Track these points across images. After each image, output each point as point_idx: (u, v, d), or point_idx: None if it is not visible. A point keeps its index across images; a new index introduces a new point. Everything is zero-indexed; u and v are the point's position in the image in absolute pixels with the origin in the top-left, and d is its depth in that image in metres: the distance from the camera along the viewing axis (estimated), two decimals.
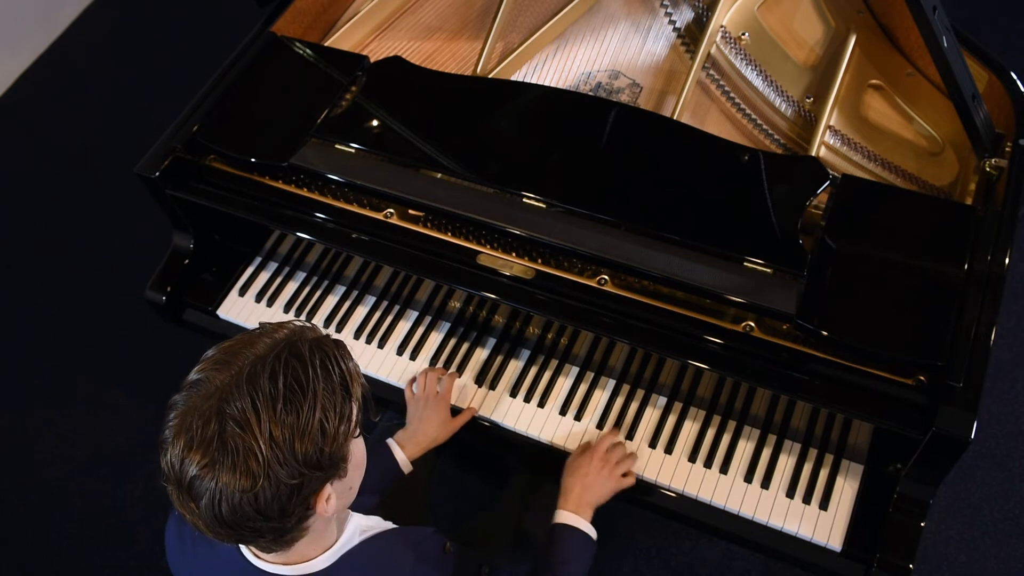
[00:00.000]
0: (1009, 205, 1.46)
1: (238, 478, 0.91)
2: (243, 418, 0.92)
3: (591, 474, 1.43)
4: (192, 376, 0.97)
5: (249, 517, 0.94)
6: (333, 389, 0.96)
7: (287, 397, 0.93)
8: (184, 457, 0.92)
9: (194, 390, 0.95)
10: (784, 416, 1.51)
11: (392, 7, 1.96)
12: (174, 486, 0.95)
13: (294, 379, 0.94)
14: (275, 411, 0.92)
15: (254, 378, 0.93)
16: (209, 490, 0.92)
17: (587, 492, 1.42)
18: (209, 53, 2.65)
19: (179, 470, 0.93)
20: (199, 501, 0.93)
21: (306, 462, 0.94)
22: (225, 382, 0.94)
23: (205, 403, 0.93)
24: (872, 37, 1.73)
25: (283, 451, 0.92)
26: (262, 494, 0.92)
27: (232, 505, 0.92)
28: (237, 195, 1.65)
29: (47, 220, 2.90)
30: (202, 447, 0.91)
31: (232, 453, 0.91)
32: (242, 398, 0.92)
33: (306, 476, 0.95)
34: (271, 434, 0.92)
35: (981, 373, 1.29)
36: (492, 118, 1.62)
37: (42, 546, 2.26)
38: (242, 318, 1.77)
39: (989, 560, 2.07)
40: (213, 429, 0.92)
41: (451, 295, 1.66)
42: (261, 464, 0.91)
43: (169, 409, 0.96)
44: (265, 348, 0.96)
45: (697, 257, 1.43)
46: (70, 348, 2.60)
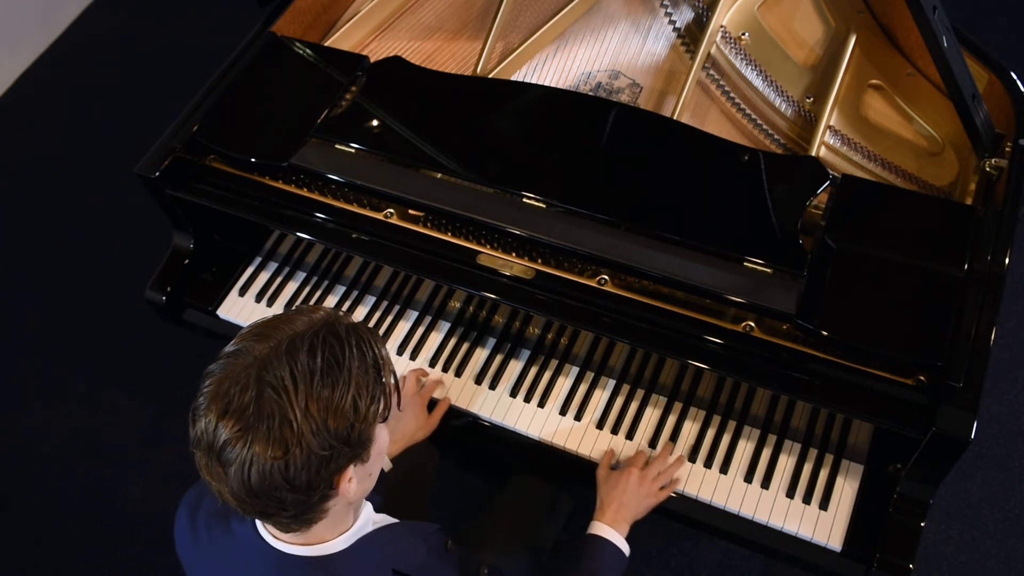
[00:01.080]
0: (1009, 205, 1.46)
1: (271, 445, 0.93)
2: (281, 386, 0.94)
3: (629, 490, 1.42)
4: (229, 347, 0.99)
5: (277, 486, 0.95)
6: (367, 370, 0.99)
7: (324, 371, 0.95)
8: (218, 422, 0.94)
9: (232, 359, 0.97)
10: (784, 416, 1.51)
11: (392, 7, 1.96)
12: (204, 452, 0.96)
13: (331, 355, 0.96)
14: (312, 383, 0.95)
15: (293, 351, 0.96)
16: (240, 456, 0.93)
17: (624, 508, 1.41)
18: (209, 53, 2.65)
19: (212, 435, 0.95)
20: (228, 467, 0.95)
21: (337, 436, 0.96)
22: (264, 352, 0.96)
23: (243, 371, 0.95)
24: (872, 37, 1.73)
25: (316, 422, 0.94)
26: (292, 463, 0.94)
27: (262, 472, 0.94)
28: (237, 195, 1.65)
29: (47, 220, 2.90)
30: (237, 412, 0.93)
31: (267, 419, 0.93)
32: (281, 367, 0.94)
33: (335, 450, 0.97)
34: (306, 405, 0.94)
35: (981, 373, 1.29)
36: (492, 118, 1.62)
37: (42, 546, 2.26)
38: (242, 318, 1.77)
39: (989, 560, 2.07)
40: (250, 395, 0.94)
41: (451, 295, 1.66)
42: (294, 432, 0.93)
43: (204, 377, 0.98)
44: (304, 325, 0.99)
45: (697, 257, 1.43)
46: (70, 348, 2.60)
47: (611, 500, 1.42)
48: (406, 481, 1.65)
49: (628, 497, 1.42)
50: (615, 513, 1.41)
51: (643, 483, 1.44)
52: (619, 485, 1.43)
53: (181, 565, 1.24)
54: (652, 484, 1.45)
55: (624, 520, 1.41)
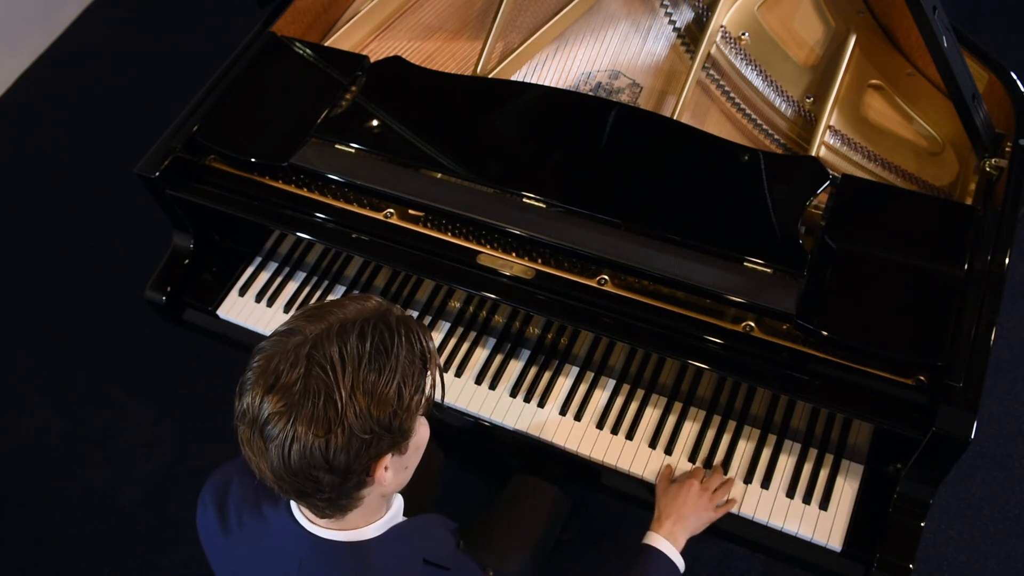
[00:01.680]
0: (1009, 205, 1.46)
1: (313, 423, 0.95)
2: (329, 366, 0.95)
3: (688, 503, 1.41)
4: (280, 328, 1.01)
5: (316, 465, 0.96)
6: (413, 360, 1.01)
7: (372, 356, 0.97)
8: (264, 397, 0.96)
9: (283, 337, 0.99)
10: (784, 416, 1.51)
11: (392, 7, 1.96)
12: (248, 426, 0.98)
13: (380, 342, 0.98)
14: (359, 367, 0.96)
15: (344, 333, 0.97)
16: (283, 432, 0.95)
17: (682, 520, 1.40)
18: (209, 53, 2.65)
19: (256, 409, 0.96)
20: (270, 443, 0.96)
21: (379, 422, 0.98)
22: (315, 332, 0.97)
23: (293, 348, 0.97)
24: (872, 37, 1.73)
25: (360, 405, 0.96)
26: (333, 443, 0.95)
27: (302, 450, 0.95)
28: (237, 195, 1.65)
29: (47, 220, 2.90)
30: (283, 388, 0.95)
31: (312, 397, 0.94)
32: (331, 348, 0.96)
33: (376, 435, 0.98)
34: (352, 386, 0.95)
35: (981, 373, 1.29)
36: (492, 118, 1.62)
37: (42, 546, 2.26)
38: (242, 318, 1.77)
39: (989, 560, 2.07)
40: (298, 373, 0.95)
41: (451, 295, 1.66)
42: (338, 413, 0.95)
43: (255, 353, 1.00)
44: (355, 312, 1.01)
45: (697, 257, 1.43)
46: (70, 348, 2.60)
47: (670, 512, 1.41)
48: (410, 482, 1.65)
49: (687, 510, 1.40)
50: (673, 525, 1.39)
51: (703, 496, 1.42)
52: (679, 497, 1.42)
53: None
54: (712, 498, 1.43)
55: (681, 533, 1.40)
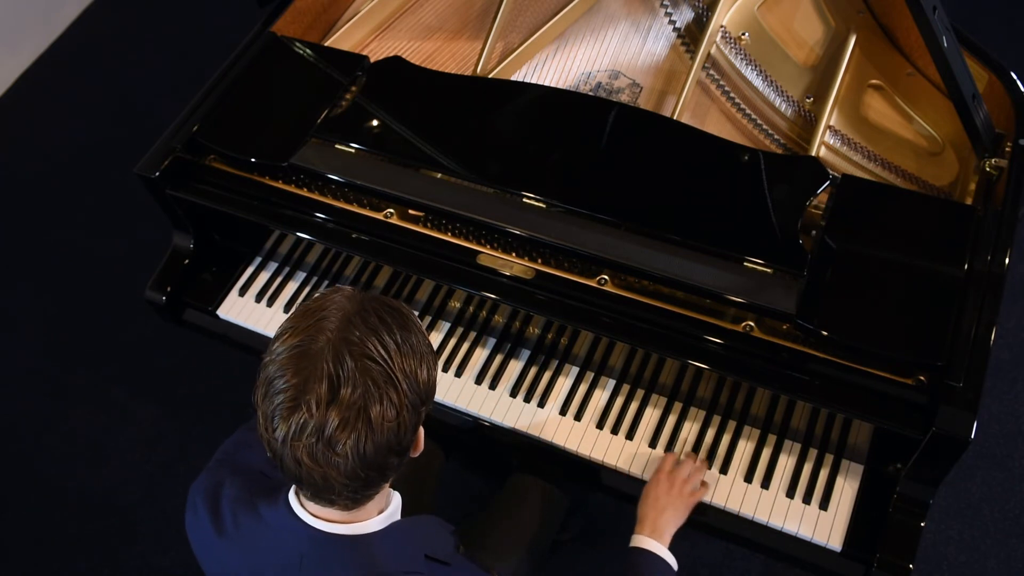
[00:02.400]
0: (1009, 205, 1.46)
1: (385, 412, 0.96)
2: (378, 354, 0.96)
3: (661, 497, 1.42)
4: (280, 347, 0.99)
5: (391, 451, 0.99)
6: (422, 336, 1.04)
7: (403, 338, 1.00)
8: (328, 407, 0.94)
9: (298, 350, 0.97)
10: (784, 416, 1.51)
11: (392, 7, 1.96)
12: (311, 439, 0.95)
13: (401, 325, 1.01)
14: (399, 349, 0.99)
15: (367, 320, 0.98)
16: (356, 431, 0.95)
17: (661, 516, 1.41)
18: (209, 53, 2.65)
19: (319, 420, 0.94)
20: (340, 447, 0.95)
21: (420, 394, 1.01)
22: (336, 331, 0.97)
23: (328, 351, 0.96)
24: (872, 37, 1.73)
25: (412, 381, 0.99)
26: (403, 424, 0.98)
27: (378, 442, 0.97)
28: (237, 195, 1.65)
29: (47, 220, 2.90)
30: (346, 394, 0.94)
31: (376, 388, 0.96)
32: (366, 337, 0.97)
33: (425, 404, 1.02)
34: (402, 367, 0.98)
35: (981, 373, 1.29)
36: (492, 118, 1.62)
37: (42, 546, 2.26)
38: (242, 318, 1.77)
39: (989, 560, 2.07)
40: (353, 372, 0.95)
41: (451, 295, 1.66)
42: (400, 394, 0.97)
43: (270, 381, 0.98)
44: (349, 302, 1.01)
45: (697, 257, 1.43)
46: (70, 348, 2.60)
47: (647, 511, 1.42)
48: (412, 482, 1.65)
49: (662, 504, 1.42)
50: (653, 523, 1.40)
51: (673, 486, 1.43)
52: (651, 495, 1.43)
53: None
54: (682, 487, 1.44)
55: (663, 529, 1.40)
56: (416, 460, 1.60)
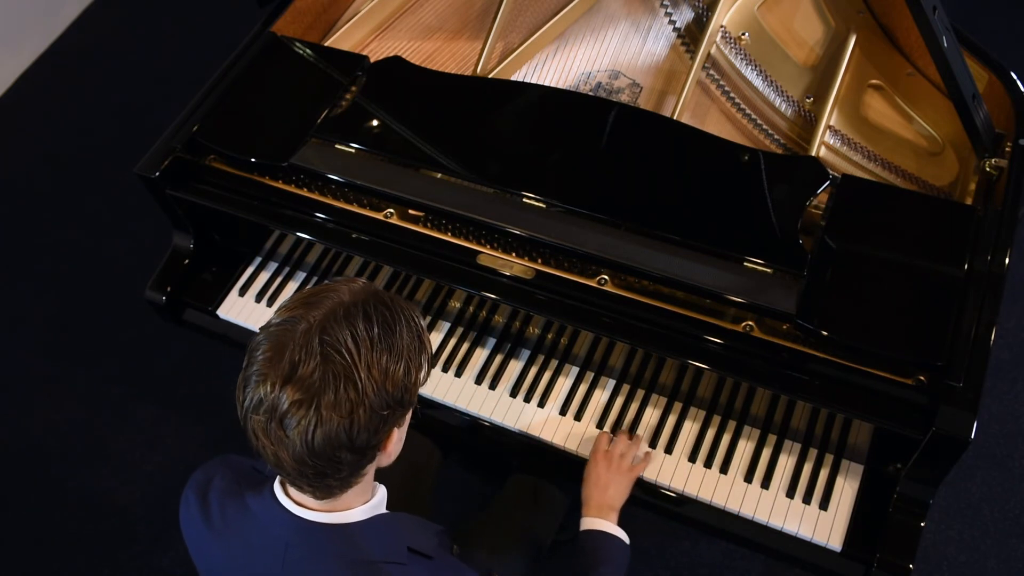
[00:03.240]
0: (1009, 205, 1.46)
1: (337, 406, 0.97)
2: (345, 348, 0.97)
3: (602, 475, 1.44)
4: (275, 319, 1.02)
5: (341, 445, 0.99)
6: (413, 336, 1.04)
7: (381, 336, 1.00)
8: (283, 387, 0.96)
9: (284, 326, 1.00)
10: (784, 416, 1.51)
11: (392, 7, 1.96)
12: (264, 416, 0.98)
13: (385, 323, 1.01)
14: (372, 348, 0.99)
15: (350, 316, 1.00)
16: (307, 418, 0.96)
17: (604, 495, 1.43)
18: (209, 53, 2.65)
19: (274, 399, 0.97)
20: (291, 430, 0.97)
21: (393, 397, 1.01)
22: (319, 319, 0.99)
23: (302, 336, 0.98)
24: (872, 37, 1.73)
25: (378, 383, 0.99)
26: (356, 422, 0.98)
27: (327, 433, 0.97)
28: (237, 195, 1.65)
29: (47, 220, 2.90)
30: (304, 377, 0.96)
31: (333, 380, 0.96)
32: (341, 331, 0.98)
33: (391, 410, 1.02)
34: (369, 367, 0.98)
35: (981, 373, 1.29)
36: (492, 118, 1.62)
37: (42, 546, 2.26)
38: (242, 318, 1.77)
39: (989, 560, 2.07)
40: (315, 359, 0.97)
41: (451, 295, 1.66)
42: (359, 393, 0.97)
43: (255, 348, 1.01)
44: (350, 295, 1.03)
45: (697, 257, 1.43)
46: (70, 348, 2.60)
47: (590, 492, 1.44)
48: (408, 480, 1.65)
49: (604, 482, 1.44)
50: (599, 502, 1.42)
51: (611, 463, 1.46)
52: (591, 475, 1.45)
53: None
54: (620, 463, 1.47)
55: (608, 507, 1.42)
56: (413, 459, 1.60)
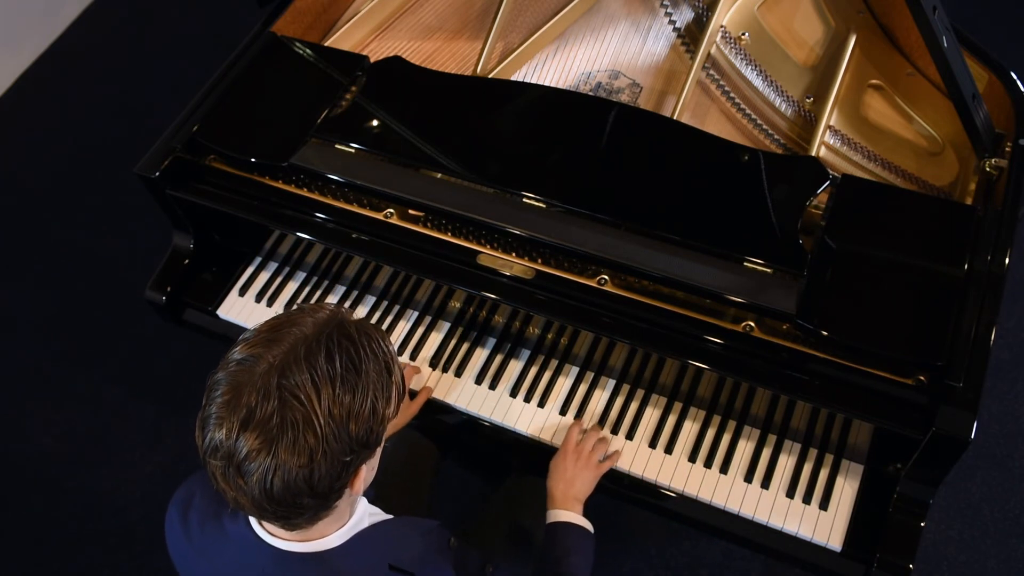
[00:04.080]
0: (1009, 205, 1.46)
1: (296, 454, 0.93)
2: (304, 393, 0.93)
3: (569, 469, 1.45)
4: (236, 355, 0.97)
5: (300, 492, 0.95)
6: (380, 370, 1.00)
7: (344, 376, 0.96)
8: (239, 433, 0.93)
9: (243, 366, 0.96)
10: (784, 416, 1.51)
11: (392, 7, 1.96)
12: (222, 462, 0.95)
13: (348, 360, 0.97)
14: (334, 389, 0.95)
15: (311, 356, 0.95)
16: (263, 466, 0.93)
17: (570, 487, 1.44)
18: (209, 53, 2.65)
19: (232, 446, 0.93)
20: (249, 477, 0.94)
21: (358, 440, 0.97)
22: (280, 358, 0.95)
23: (260, 379, 0.94)
24: (872, 37, 1.73)
25: (339, 428, 0.95)
26: (317, 470, 0.94)
27: (286, 481, 0.94)
28: (237, 195, 1.65)
29: (47, 220, 2.90)
30: (261, 423, 0.92)
31: (291, 428, 0.93)
32: (300, 374, 0.94)
33: (356, 454, 0.98)
34: (330, 411, 0.94)
35: (981, 373, 1.29)
36: (492, 118, 1.62)
37: (42, 546, 2.26)
38: (242, 318, 1.77)
39: (989, 560, 2.07)
40: (272, 405, 0.93)
41: (451, 295, 1.66)
42: (319, 440, 0.93)
43: (214, 386, 0.97)
44: (312, 327, 0.98)
45: (697, 257, 1.43)
46: (70, 348, 2.60)
47: (556, 484, 1.44)
48: (407, 479, 1.65)
49: (570, 475, 1.45)
50: (564, 494, 1.43)
51: (580, 457, 1.46)
52: (559, 468, 1.46)
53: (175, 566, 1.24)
54: (590, 458, 1.48)
55: (573, 499, 1.43)
56: (412, 458, 1.60)
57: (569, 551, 1.36)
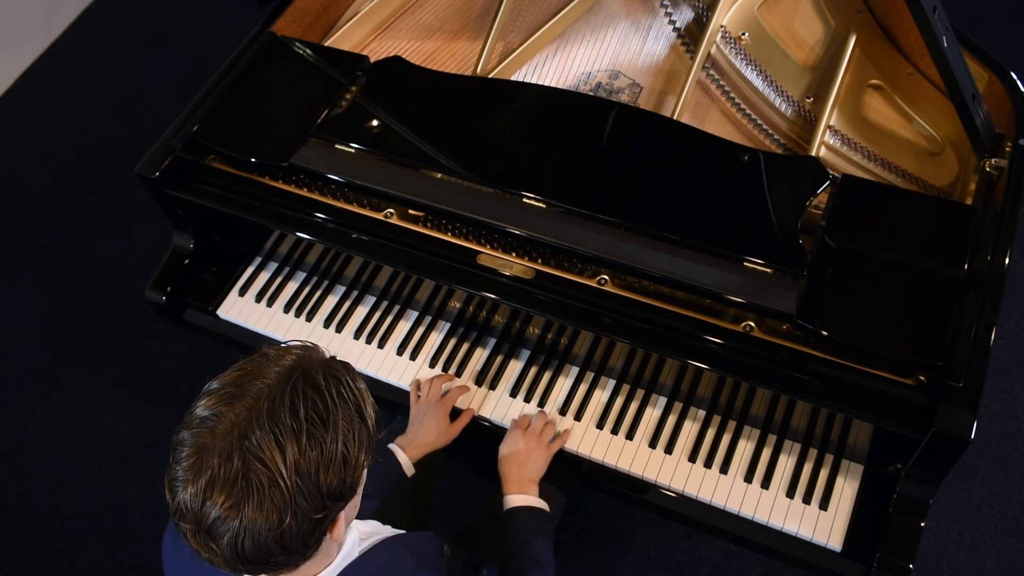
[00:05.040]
0: (1009, 205, 1.46)
1: (264, 516, 0.90)
2: (268, 455, 0.90)
3: (522, 451, 1.46)
4: (199, 412, 0.94)
5: (272, 552, 0.93)
6: (350, 416, 0.96)
7: (310, 432, 0.92)
8: (206, 498, 0.90)
9: (206, 426, 0.93)
10: (784, 416, 1.51)
11: (392, 7, 1.96)
12: (191, 525, 0.93)
13: (314, 411, 0.93)
14: (299, 445, 0.91)
15: (274, 413, 0.92)
16: (232, 529, 0.91)
17: (524, 469, 1.44)
18: (209, 53, 2.65)
19: (199, 510, 0.91)
20: (220, 540, 0.92)
21: (330, 494, 0.94)
22: (242, 417, 0.92)
23: (222, 440, 0.91)
24: (872, 37, 1.73)
25: (308, 485, 0.92)
26: (288, 530, 0.92)
27: (257, 543, 0.92)
28: (237, 195, 1.65)
29: (47, 220, 2.90)
30: (226, 487, 0.90)
31: (257, 491, 0.90)
32: (264, 434, 0.91)
33: (329, 508, 0.95)
34: (296, 469, 0.91)
35: (981, 373, 1.29)
36: (492, 118, 1.62)
37: (42, 546, 2.26)
38: (242, 318, 1.77)
39: (989, 560, 2.07)
40: (236, 467, 0.90)
41: (451, 295, 1.66)
42: (288, 499, 0.91)
43: (178, 447, 0.94)
44: (276, 377, 0.95)
45: (697, 257, 1.43)
46: (70, 348, 2.60)
47: (509, 468, 1.45)
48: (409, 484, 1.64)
49: (523, 457, 1.45)
50: (518, 477, 1.44)
51: (529, 441, 1.47)
52: (510, 453, 1.46)
53: None
54: (540, 439, 1.49)
55: (528, 481, 1.44)
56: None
57: (531, 536, 1.37)
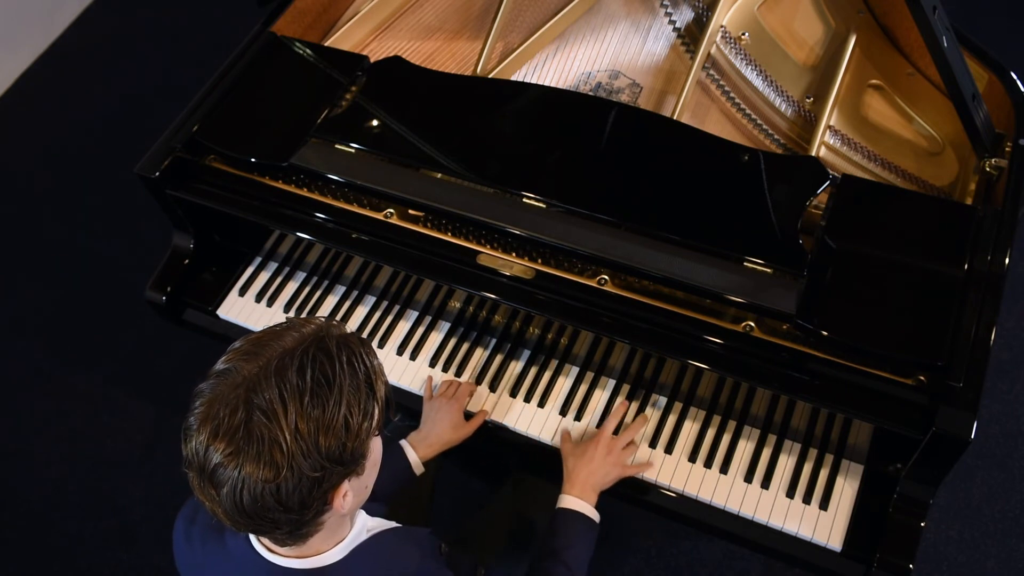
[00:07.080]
0: (1009, 205, 1.46)
1: (261, 468, 0.93)
2: (270, 408, 0.93)
3: (596, 459, 1.43)
4: (219, 365, 0.99)
5: (269, 507, 0.95)
6: (358, 386, 0.98)
7: (314, 391, 0.95)
8: (209, 444, 0.94)
9: (221, 378, 0.97)
10: (784, 416, 1.51)
11: (392, 7, 1.96)
12: (196, 472, 0.97)
13: (321, 374, 0.96)
14: (302, 404, 0.94)
15: (282, 370, 0.95)
16: (232, 478, 0.94)
17: (592, 476, 1.42)
18: (209, 53, 2.65)
19: (203, 457, 0.95)
20: (220, 489, 0.95)
21: (328, 456, 0.96)
22: (253, 372, 0.95)
23: (232, 392, 0.95)
24: (872, 37, 1.73)
25: (307, 443, 0.94)
26: (284, 485, 0.94)
27: (254, 495, 0.94)
28: (237, 195, 1.65)
29: (47, 220, 2.90)
30: (227, 435, 0.93)
31: (257, 443, 0.93)
32: (270, 389, 0.94)
33: (327, 470, 0.97)
34: (296, 426, 0.94)
35: (981, 373, 1.29)
36: (492, 118, 1.62)
37: (42, 546, 2.26)
38: (242, 318, 1.77)
39: (989, 560, 2.07)
40: (240, 418, 0.93)
41: (451, 295, 1.66)
42: (285, 455, 0.93)
43: (195, 397, 0.97)
44: (293, 342, 0.98)
45: (697, 257, 1.43)
46: (70, 348, 2.60)
47: (579, 469, 1.43)
48: None
49: (596, 465, 1.43)
50: (584, 481, 1.41)
51: (611, 452, 1.45)
52: (587, 453, 1.44)
53: None
54: (621, 454, 1.46)
55: (592, 489, 1.42)
56: None
57: (572, 542, 1.35)
